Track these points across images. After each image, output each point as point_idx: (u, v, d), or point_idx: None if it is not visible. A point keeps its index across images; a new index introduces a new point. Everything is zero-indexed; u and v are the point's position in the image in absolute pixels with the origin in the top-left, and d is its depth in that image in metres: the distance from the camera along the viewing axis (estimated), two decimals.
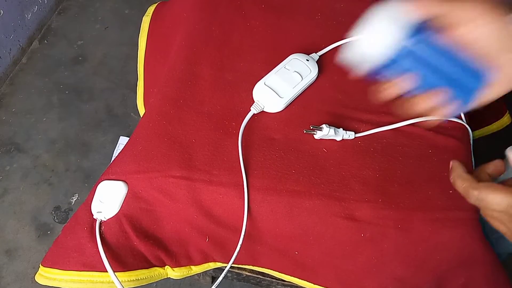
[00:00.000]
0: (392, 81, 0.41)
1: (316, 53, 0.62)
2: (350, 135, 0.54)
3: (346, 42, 0.63)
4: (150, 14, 0.74)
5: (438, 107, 0.41)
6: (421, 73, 0.40)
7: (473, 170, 0.45)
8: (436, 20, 0.38)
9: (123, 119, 1.28)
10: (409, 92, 0.41)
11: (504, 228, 0.41)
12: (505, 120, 0.76)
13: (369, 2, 0.68)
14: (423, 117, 0.56)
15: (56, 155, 1.20)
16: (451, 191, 0.50)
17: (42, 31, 1.49)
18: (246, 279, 0.76)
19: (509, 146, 0.44)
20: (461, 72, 0.39)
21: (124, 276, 0.49)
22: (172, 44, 0.67)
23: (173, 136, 0.54)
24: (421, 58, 0.40)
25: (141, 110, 0.66)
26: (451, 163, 0.47)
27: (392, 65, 0.40)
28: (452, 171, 0.46)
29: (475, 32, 0.37)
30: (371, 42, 0.39)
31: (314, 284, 0.56)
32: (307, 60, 0.59)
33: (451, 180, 0.46)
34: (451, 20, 0.37)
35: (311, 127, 0.52)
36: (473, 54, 0.38)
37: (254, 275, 0.72)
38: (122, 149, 0.55)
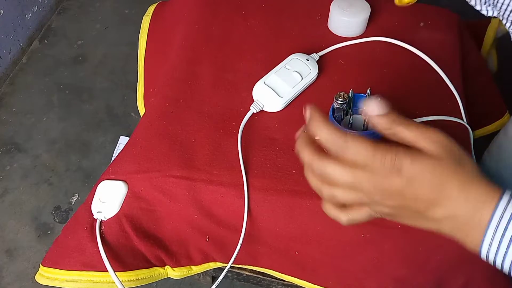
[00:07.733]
0: None
1: (317, 53, 0.62)
2: None
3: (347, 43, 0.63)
4: (150, 14, 0.74)
5: None
6: None
7: None
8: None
9: (123, 119, 1.28)
10: None
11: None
12: (505, 120, 0.76)
13: (368, 2, 0.69)
14: (423, 117, 0.56)
15: (56, 155, 1.20)
16: None
17: (42, 31, 1.49)
18: (246, 279, 0.76)
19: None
20: None
21: (124, 276, 0.49)
22: (172, 44, 0.67)
23: (173, 136, 0.54)
24: None
25: (141, 110, 0.66)
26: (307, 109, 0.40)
27: None
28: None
29: None
30: None
31: (314, 284, 0.56)
32: (308, 60, 0.59)
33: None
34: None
35: None
36: None
37: (254, 275, 0.72)
38: (122, 149, 0.55)
